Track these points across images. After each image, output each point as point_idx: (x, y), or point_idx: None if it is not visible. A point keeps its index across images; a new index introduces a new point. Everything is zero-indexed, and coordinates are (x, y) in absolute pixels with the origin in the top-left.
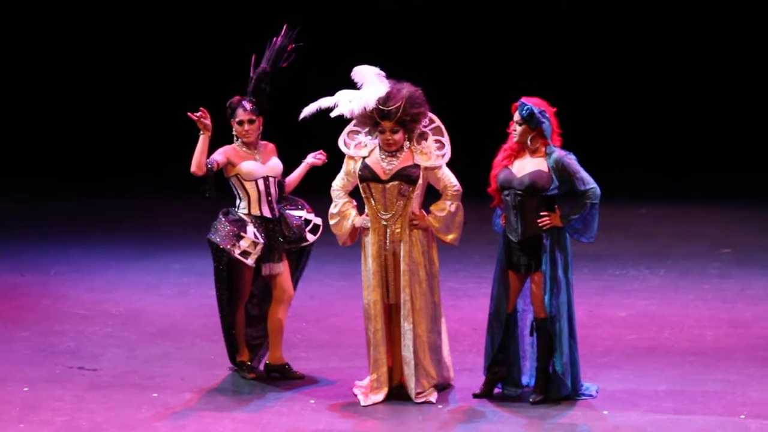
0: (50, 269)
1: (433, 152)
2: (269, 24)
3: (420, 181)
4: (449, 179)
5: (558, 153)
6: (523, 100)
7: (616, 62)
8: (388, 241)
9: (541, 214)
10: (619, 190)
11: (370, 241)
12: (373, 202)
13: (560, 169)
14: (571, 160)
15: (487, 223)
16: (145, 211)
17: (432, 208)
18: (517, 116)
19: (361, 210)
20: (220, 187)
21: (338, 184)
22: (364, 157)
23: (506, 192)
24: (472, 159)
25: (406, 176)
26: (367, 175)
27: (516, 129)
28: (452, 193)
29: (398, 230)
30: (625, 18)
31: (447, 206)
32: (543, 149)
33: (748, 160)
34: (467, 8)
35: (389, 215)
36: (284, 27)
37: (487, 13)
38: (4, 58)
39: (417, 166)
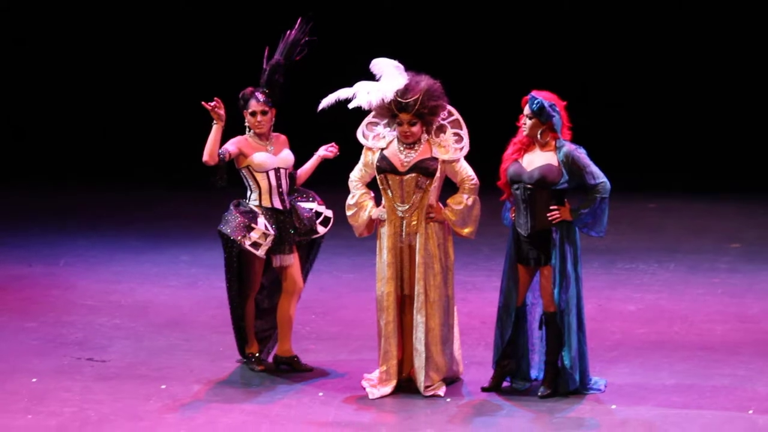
0: (59, 260)
1: (452, 145)
2: (283, 16)
3: (437, 174)
4: (467, 172)
5: (568, 147)
6: (534, 93)
7: (626, 56)
8: (404, 233)
9: (551, 207)
10: (629, 185)
11: (386, 233)
12: (390, 193)
13: (570, 163)
14: (581, 153)
15: (496, 217)
16: (153, 202)
17: (449, 201)
18: (527, 110)
19: (378, 201)
20: (231, 179)
21: (356, 176)
22: (382, 149)
23: (516, 186)
24: (483, 152)
25: (424, 169)
26: (385, 166)
27: (526, 123)
28: (470, 187)
29: (414, 222)
30: (637, 10)
31: (464, 200)
32: (553, 143)
33: (758, 154)
34: (478, 1)
35: (406, 207)
36: (298, 20)
37: (498, 6)
38: (11, 54)
39: (435, 158)
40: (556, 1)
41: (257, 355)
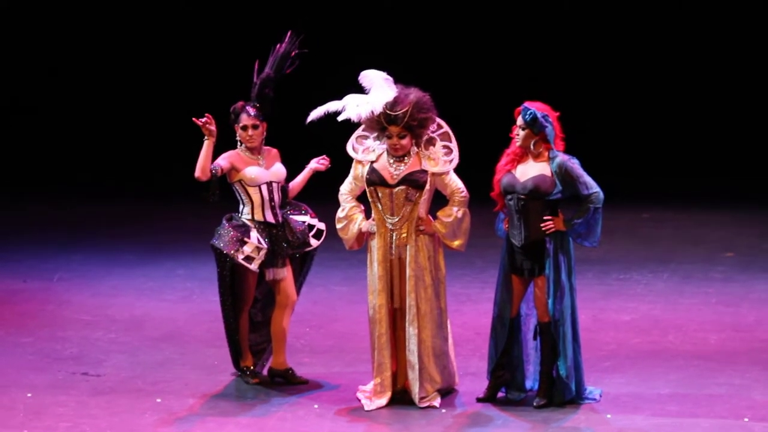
0: (53, 275)
1: (441, 158)
2: (273, 30)
3: (427, 187)
4: (456, 185)
5: (561, 157)
6: (526, 104)
7: (617, 66)
8: (394, 246)
9: (544, 218)
10: (622, 194)
11: (376, 246)
12: (379, 206)
13: (563, 174)
14: (574, 164)
15: (490, 228)
16: (148, 216)
17: (439, 213)
18: (520, 121)
19: (368, 214)
20: (224, 193)
21: (346, 189)
22: (372, 162)
23: (509, 196)
24: (475, 163)
25: (414, 181)
26: (375, 179)
27: (519, 133)
28: (459, 199)
29: (404, 235)
30: (625, 21)
31: (454, 212)
32: (546, 153)
33: (752, 163)
34: (471, 12)
35: (396, 220)
36: (288, 34)
37: (491, 17)
38: (6, 60)
39: (424, 171)
40: (549, 13)
41: (252, 368)
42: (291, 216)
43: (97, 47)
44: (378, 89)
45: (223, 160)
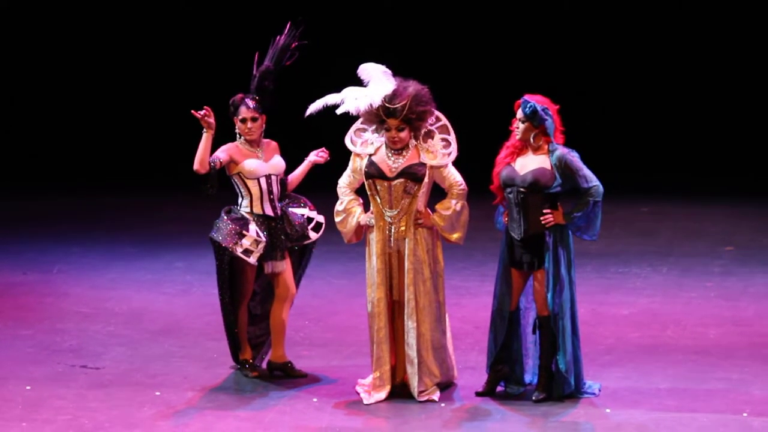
0: (53, 267)
1: (439, 151)
2: (273, 22)
3: (426, 180)
4: (455, 178)
5: (561, 150)
6: (526, 97)
7: (618, 60)
8: (392, 239)
9: (544, 211)
10: (622, 188)
11: (374, 239)
12: (378, 199)
13: (563, 167)
14: (574, 157)
15: (489, 221)
16: (147, 209)
17: (437, 206)
18: (520, 114)
19: (366, 208)
20: (222, 186)
21: (344, 182)
22: (370, 155)
23: (509, 189)
24: (475, 156)
25: (412, 174)
26: (373, 172)
27: (519, 126)
28: (458, 192)
29: (403, 228)
30: (627, 15)
31: (452, 205)
32: (546, 147)
33: (751, 157)
34: (471, 5)
35: (394, 213)
36: (287, 25)
37: (491, 10)
38: (3, 57)
39: (423, 164)
40: (549, 5)
41: (251, 361)
42: (290, 209)
43: (96, 43)
44: (377, 82)
45: (222, 153)
